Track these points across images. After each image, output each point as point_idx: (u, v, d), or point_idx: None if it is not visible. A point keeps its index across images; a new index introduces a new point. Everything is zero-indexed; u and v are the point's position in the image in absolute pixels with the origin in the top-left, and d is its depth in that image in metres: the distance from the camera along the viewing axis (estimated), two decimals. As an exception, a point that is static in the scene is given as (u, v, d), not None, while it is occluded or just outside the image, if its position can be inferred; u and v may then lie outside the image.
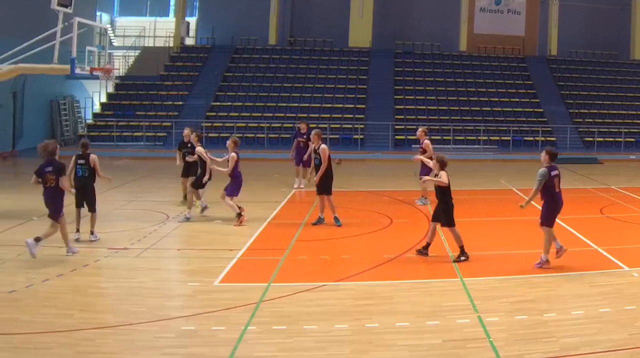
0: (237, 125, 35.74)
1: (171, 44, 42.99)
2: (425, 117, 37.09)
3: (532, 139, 36.34)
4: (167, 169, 24.50)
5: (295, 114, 36.33)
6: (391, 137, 36.04)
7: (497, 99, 39.44)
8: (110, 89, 39.38)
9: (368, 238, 15.32)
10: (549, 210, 12.46)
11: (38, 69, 19.69)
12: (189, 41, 44.83)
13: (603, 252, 13.05)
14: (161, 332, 9.26)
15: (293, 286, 11.31)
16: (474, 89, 39.79)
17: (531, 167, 30.39)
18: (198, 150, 16.97)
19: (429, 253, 13.25)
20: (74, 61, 18.25)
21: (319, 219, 16.60)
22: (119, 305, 10.52)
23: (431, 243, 13.33)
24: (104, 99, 39.48)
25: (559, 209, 12.63)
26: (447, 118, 37.40)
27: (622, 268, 12.49)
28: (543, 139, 35.97)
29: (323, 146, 16.47)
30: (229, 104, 37.98)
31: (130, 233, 14.91)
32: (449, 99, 39.16)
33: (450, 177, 13.02)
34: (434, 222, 13.36)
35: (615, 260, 12.89)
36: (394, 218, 17.41)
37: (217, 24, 44.12)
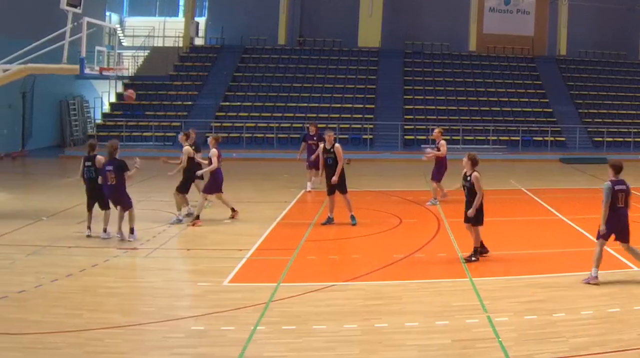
0: (247, 125, 35.66)
1: (180, 44, 42.98)
2: (434, 117, 37.01)
3: (541, 139, 36.19)
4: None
5: (305, 114, 36.33)
6: (400, 137, 35.95)
7: (507, 99, 39.31)
8: (120, 89, 39.40)
9: (377, 239, 15.30)
10: (608, 224, 11.81)
11: (47, 69, 19.72)
12: (199, 41, 44.79)
13: (612, 252, 12.97)
14: (171, 332, 9.28)
15: (302, 286, 11.32)
16: (483, 89, 39.67)
17: (540, 168, 30.67)
18: (184, 150, 16.93)
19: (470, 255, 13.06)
20: (83, 61, 18.26)
21: (328, 219, 16.62)
22: (128, 305, 10.53)
23: (480, 245, 13.11)
24: (113, 98, 39.53)
25: (621, 225, 11.90)
26: (457, 118, 37.28)
27: (632, 268, 12.46)
28: (552, 139, 35.90)
29: (337, 145, 16.57)
30: (238, 104, 37.94)
31: (139, 233, 14.93)
32: (458, 98, 39.04)
33: (457, 176, 12.97)
34: (467, 223, 13.12)
35: (624, 260, 12.82)
36: (404, 219, 17.39)
37: (227, 24, 44.16)
